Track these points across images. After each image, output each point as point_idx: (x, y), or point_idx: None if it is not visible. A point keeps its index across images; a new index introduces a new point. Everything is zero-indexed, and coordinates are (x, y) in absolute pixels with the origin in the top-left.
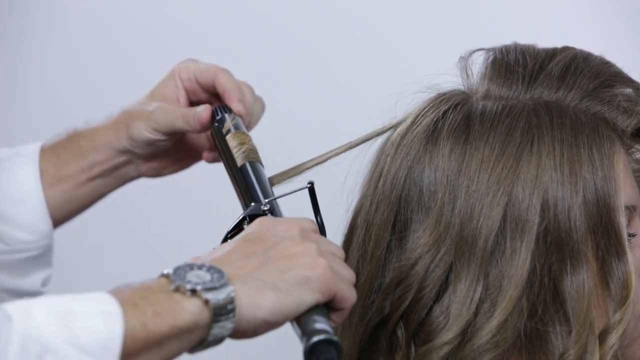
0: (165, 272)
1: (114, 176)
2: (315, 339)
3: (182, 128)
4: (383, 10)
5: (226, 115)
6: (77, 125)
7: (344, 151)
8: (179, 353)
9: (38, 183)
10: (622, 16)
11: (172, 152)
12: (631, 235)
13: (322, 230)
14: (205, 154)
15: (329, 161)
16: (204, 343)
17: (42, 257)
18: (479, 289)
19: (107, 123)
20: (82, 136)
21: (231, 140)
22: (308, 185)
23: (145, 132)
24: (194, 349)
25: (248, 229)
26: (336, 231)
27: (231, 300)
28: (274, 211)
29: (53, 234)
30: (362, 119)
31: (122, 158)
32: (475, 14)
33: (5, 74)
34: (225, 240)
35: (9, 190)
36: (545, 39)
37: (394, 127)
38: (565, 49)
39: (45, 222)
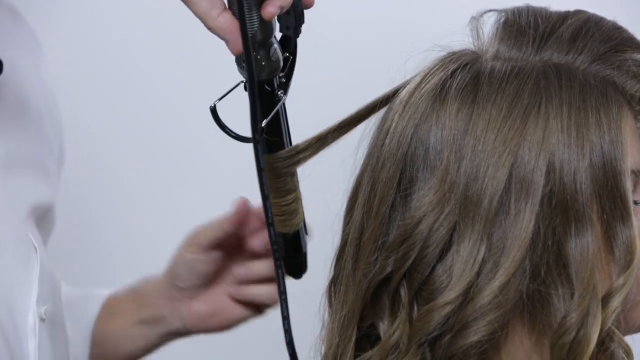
0: None
1: (159, 327)
2: None
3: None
4: None
5: None
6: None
7: (354, 124)
8: None
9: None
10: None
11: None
12: (636, 203)
13: None
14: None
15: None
16: None
17: None
18: (482, 250)
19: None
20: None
21: None
22: None
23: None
24: None
25: None
26: (342, 190)
27: None
28: None
29: None
30: (372, 77)
31: (166, 299)
32: None
33: None
34: None
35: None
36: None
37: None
38: (578, 12)
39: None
